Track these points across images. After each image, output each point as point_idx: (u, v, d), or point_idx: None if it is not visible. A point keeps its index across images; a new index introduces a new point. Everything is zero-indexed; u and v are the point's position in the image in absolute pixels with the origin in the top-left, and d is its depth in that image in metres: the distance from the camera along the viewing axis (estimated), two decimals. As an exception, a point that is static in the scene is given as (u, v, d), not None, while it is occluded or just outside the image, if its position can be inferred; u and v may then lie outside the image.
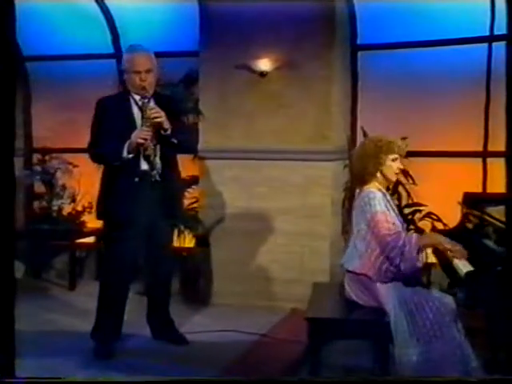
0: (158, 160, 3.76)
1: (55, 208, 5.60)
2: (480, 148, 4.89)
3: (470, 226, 3.78)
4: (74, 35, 5.86)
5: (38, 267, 5.88)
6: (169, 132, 3.72)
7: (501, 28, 4.67)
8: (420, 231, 4.77)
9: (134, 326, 4.14)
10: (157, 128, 3.70)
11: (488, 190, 4.83)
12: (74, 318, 4.53)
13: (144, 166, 3.75)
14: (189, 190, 5.20)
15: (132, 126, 3.74)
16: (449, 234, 3.85)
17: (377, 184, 3.38)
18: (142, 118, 3.71)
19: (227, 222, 4.94)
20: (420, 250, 3.23)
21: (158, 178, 3.71)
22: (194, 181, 5.15)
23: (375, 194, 3.30)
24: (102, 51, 5.78)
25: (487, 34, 4.75)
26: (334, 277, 4.56)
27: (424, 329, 3.19)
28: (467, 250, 3.28)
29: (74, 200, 5.70)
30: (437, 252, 3.57)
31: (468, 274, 2.81)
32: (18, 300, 4.65)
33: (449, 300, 3.19)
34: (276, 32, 4.68)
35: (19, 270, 5.92)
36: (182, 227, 4.98)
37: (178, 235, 5.03)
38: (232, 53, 4.78)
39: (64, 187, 5.65)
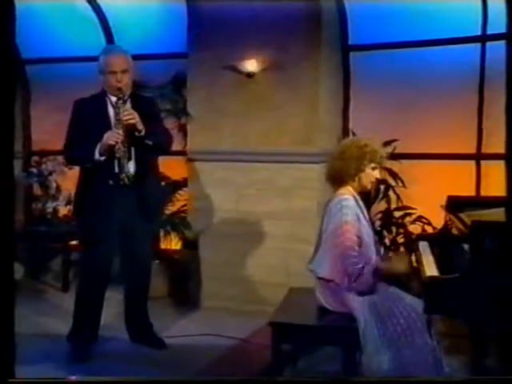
0: (130, 163, 3.71)
1: (50, 210, 5.63)
2: (474, 150, 4.76)
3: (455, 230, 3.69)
4: (71, 38, 5.89)
5: (35, 269, 5.92)
6: (143, 133, 3.69)
7: (494, 27, 4.55)
8: (409, 235, 4.68)
9: (115, 329, 4.14)
10: (130, 130, 3.67)
11: (482, 193, 4.70)
12: (62, 321, 4.50)
13: (117, 168, 3.72)
14: (180, 192, 5.19)
15: (107, 128, 3.71)
16: (432, 238, 3.80)
17: (350, 189, 3.32)
18: (115, 119, 3.69)
19: (216, 225, 4.91)
20: (376, 271, 3.16)
21: (126, 181, 3.65)
22: (184, 183, 5.13)
23: (348, 202, 3.24)
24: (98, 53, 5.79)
25: (479, 33, 4.62)
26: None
27: (395, 334, 3.11)
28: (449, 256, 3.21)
29: (69, 202, 5.72)
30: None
31: (429, 278, 2.72)
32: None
33: (421, 305, 3.11)
34: (263, 33, 4.63)
35: (19, 271, 5.97)
36: (170, 229, 4.96)
37: (166, 237, 5.02)
38: (219, 54, 4.74)
39: (59, 189, 5.68)
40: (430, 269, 2.95)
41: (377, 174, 3.35)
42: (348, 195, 3.28)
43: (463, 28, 4.63)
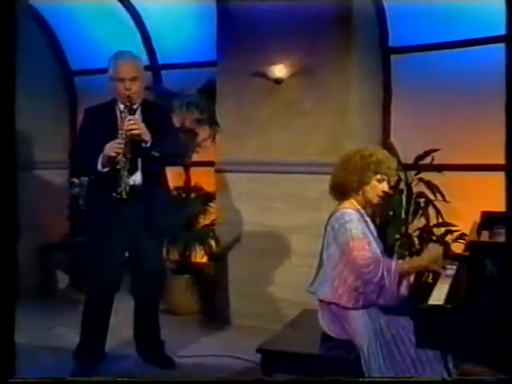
0: (136, 175, 3.53)
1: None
2: (524, 161, 4.27)
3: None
4: (116, 49, 5.88)
5: (79, 279, 5.91)
6: (149, 144, 3.51)
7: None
8: (450, 254, 4.25)
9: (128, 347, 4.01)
10: (135, 140, 3.50)
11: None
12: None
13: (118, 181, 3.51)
14: (211, 204, 5.01)
15: (115, 137, 3.54)
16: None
17: (355, 203, 3.03)
18: (120, 129, 3.53)
19: (243, 239, 4.69)
20: (402, 277, 2.83)
21: (124, 195, 3.43)
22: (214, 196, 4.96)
23: (351, 216, 2.94)
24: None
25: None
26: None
27: (403, 365, 2.78)
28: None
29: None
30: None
31: (422, 308, 2.36)
32: (40, 312, 4.64)
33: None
34: (290, 36, 4.38)
35: (63, 281, 6.01)
36: (197, 243, 4.79)
37: (194, 251, 4.87)
38: (247, 60, 4.54)
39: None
40: (438, 295, 2.57)
41: (384, 186, 3.02)
42: (351, 209, 2.99)
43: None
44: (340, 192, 3.04)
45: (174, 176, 5.44)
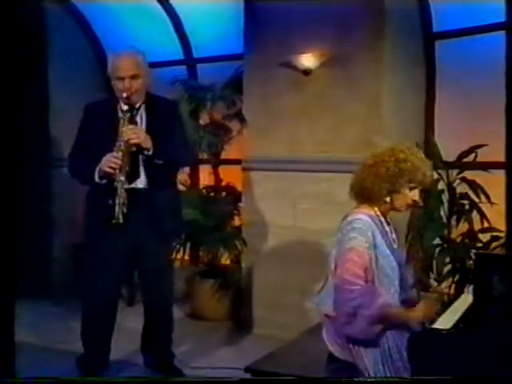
0: (139, 181, 3.27)
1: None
2: None
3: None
4: (150, 43, 5.72)
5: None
6: (151, 152, 3.22)
7: None
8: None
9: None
10: (134, 149, 3.22)
11: None
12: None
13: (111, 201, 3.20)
14: (240, 204, 4.72)
15: (115, 137, 3.23)
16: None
17: (376, 209, 2.62)
18: (118, 137, 3.20)
19: (270, 243, 4.36)
20: (384, 318, 2.41)
21: (120, 220, 3.16)
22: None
23: (361, 225, 2.53)
24: (173, 58, 5.55)
25: None
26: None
27: (416, 395, 2.38)
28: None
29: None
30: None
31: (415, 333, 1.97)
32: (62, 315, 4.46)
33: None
34: (319, 24, 4.02)
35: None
36: (223, 247, 4.52)
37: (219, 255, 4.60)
38: (274, 51, 4.21)
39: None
40: (448, 318, 2.16)
41: (415, 195, 2.59)
42: (367, 216, 2.57)
43: None
44: (364, 196, 2.63)
45: (204, 174, 5.23)
